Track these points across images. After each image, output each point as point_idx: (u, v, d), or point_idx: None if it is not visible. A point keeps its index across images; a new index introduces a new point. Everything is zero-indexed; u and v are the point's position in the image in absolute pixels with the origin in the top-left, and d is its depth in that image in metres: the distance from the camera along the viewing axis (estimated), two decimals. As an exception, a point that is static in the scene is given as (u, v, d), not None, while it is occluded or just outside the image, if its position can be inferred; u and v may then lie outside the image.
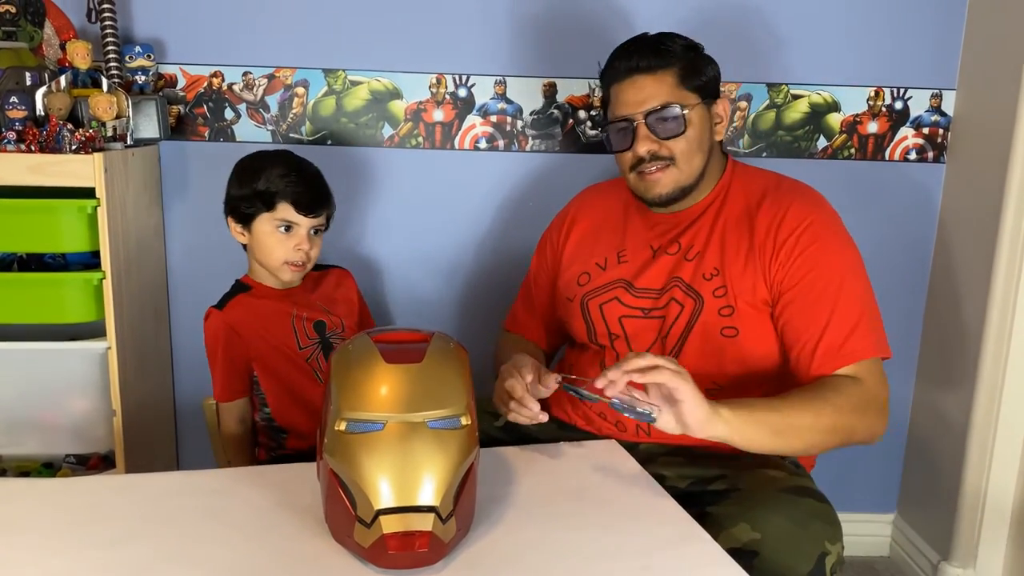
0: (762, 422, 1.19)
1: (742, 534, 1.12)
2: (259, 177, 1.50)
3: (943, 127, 1.98)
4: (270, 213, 1.50)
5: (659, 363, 1.10)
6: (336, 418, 0.93)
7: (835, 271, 1.30)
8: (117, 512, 1.07)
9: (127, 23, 1.84)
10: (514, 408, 1.24)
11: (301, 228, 1.51)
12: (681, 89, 1.35)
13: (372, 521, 0.91)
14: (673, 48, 1.37)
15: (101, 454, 1.78)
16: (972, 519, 1.88)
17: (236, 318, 1.53)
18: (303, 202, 1.50)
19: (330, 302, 1.64)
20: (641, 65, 1.35)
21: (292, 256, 1.51)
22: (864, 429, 1.27)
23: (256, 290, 1.57)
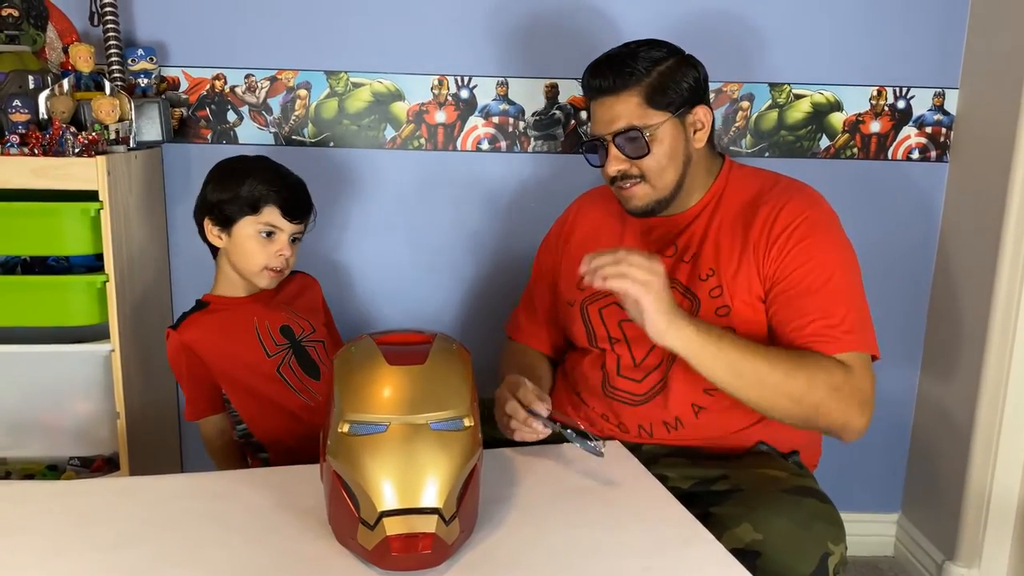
0: (724, 356, 1.20)
1: (745, 534, 1.12)
2: (244, 181, 1.48)
3: (946, 126, 1.98)
4: (255, 216, 1.48)
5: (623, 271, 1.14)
6: (339, 420, 0.93)
7: (826, 266, 1.30)
8: (121, 514, 1.07)
9: (129, 26, 1.84)
10: (516, 427, 1.24)
11: (283, 234, 1.49)
12: (646, 108, 1.34)
13: (375, 523, 0.91)
14: (638, 68, 1.34)
15: (105, 456, 1.78)
16: (977, 518, 1.88)
17: (193, 337, 1.48)
18: (289, 207, 1.49)
19: (294, 306, 1.60)
20: (604, 86, 1.36)
21: (273, 262, 1.49)
22: (838, 414, 1.25)
23: (213, 305, 1.53)
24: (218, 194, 1.49)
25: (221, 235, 1.51)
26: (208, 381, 1.50)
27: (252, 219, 1.48)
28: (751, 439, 1.37)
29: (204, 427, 1.56)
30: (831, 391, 1.23)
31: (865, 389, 1.27)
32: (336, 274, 1.98)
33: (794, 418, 1.26)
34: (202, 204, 1.52)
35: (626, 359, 1.40)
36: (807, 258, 1.30)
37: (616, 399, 1.41)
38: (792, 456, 1.39)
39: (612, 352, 1.42)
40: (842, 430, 1.27)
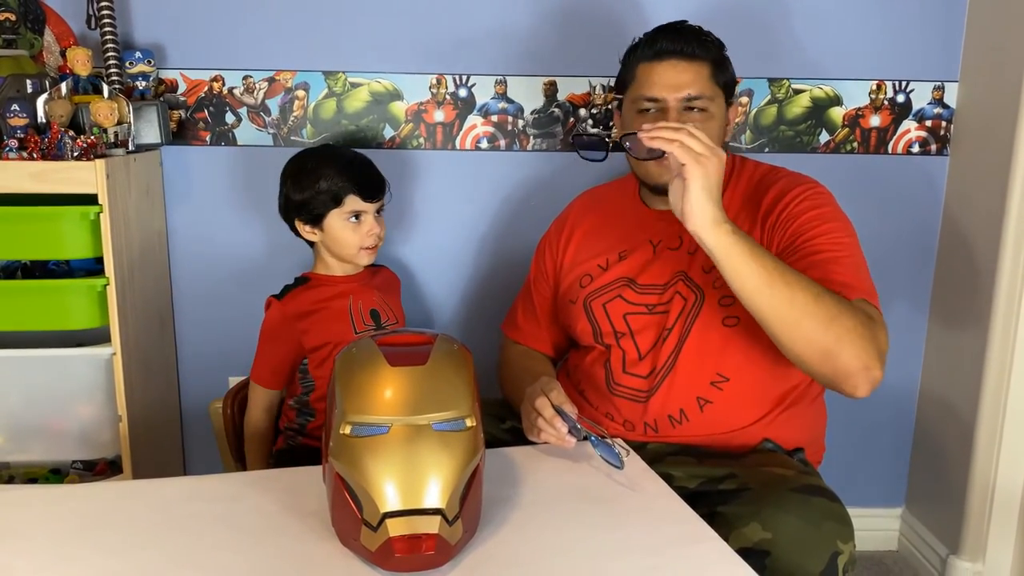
0: (757, 261, 1.14)
1: (753, 534, 1.11)
2: (319, 177, 1.57)
3: (946, 119, 1.97)
4: (339, 208, 1.57)
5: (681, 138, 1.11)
6: (341, 422, 0.93)
7: (837, 230, 1.30)
8: (125, 518, 1.07)
9: (127, 29, 1.84)
10: (543, 426, 1.22)
11: (368, 214, 1.59)
12: (713, 83, 1.37)
13: (378, 524, 0.90)
14: (712, 40, 1.39)
15: (108, 459, 1.79)
16: (981, 512, 1.88)
17: (294, 309, 1.58)
18: (367, 190, 1.58)
19: (384, 295, 1.70)
20: (686, 50, 1.36)
21: (366, 241, 1.59)
22: (860, 352, 1.17)
23: (313, 280, 1.64)
24: (299, 195, 1.58)
25: (314, 231, 1.61)
26: (290, 356, 1.59)
27: (338, 211, 1.57)
28: (756, 437, 1.36)
29: (257, 394, 1.60)
30: (857, 325, 1.17)
31: (883, 342, 1.21)
32: (337, 275, 1.98)
33: (816, 345, 1.17)
34: (287, 205, 1.62)
35: (632, 353, 1.40)
36: (817, 224, 1.30)
37: (621, 396, 1.40)
38: (797, 453, 1.38)
39: (618, 347, 1.42)
40: (862, 372, 1.18)
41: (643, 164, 1.39)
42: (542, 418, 1.22)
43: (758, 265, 1.15)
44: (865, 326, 1.18)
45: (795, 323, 1.16)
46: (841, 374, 1.19)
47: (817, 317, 1.16)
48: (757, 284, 1.15)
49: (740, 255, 1.14)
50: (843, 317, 1.17)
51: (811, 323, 1.16)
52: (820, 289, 1.18)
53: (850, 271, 1.26)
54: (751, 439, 1.36)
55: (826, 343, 1.17)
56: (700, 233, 1.14)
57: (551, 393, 1.24)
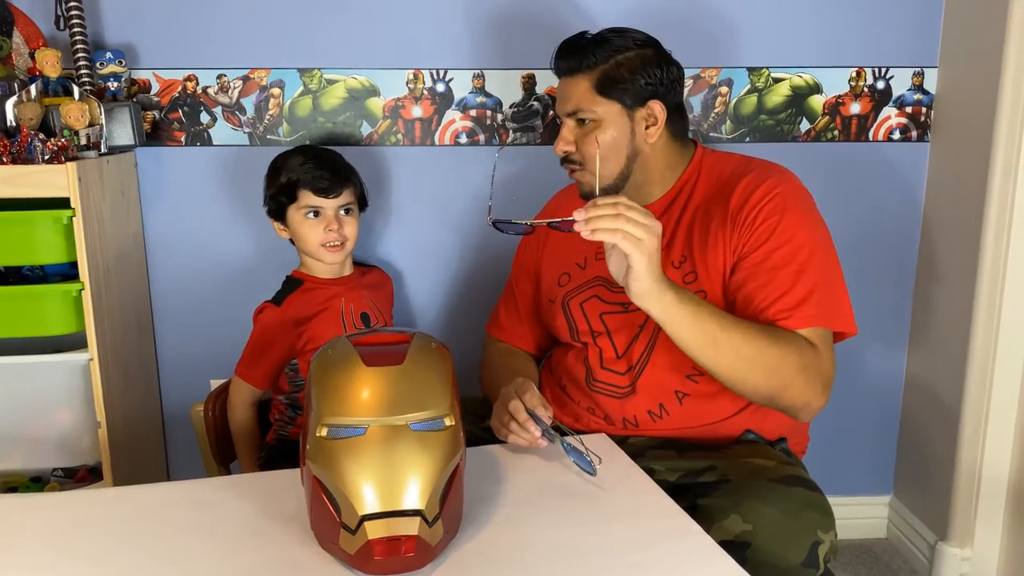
0: (700, 325, 1.19)
1: (734, 526, 1.11)
2: (280, 172, 1.60)
3: (926, 105, 1.97)
4: (295, 203, 1.59)
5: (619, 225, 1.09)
6: (317, 424, 0.92)
7: (796, 241, 1.29)
8: (104, 526, 1.06)
9: (97, 29, 1.81)
10: (514, 430, 1.22)
11: (327, 210, 1.59)
12: (594, 94, 1.35)
13: (357, 527, 0.89)
14: (595, 54, 1.35)
15: (89, 466, 1.77)
16: (968, 499, 1.88)
17: (292, 315, 1.59)
18: (321, 186, 1.57)
19: (375, 297, 1.71)
20: (562, 66, 1.39)
21: (325, 238, 1.58)
22: (801, 392, 1.24)
23: (307, 283, 1.64)
24: (267, 191, 1.63)
25: (284, 228, 1.63)
26: (283, 359, 1.61)
27: (294, 206, 1.59)
28: (738, 427, 1.36)
29: (240, 389, 1.61)
30: (800, 369, 1.23)
31: (828, 370, 1.27)
32: (317, 274, 1.96)
33: (760, 393, 1.25)
34: (264, 205, 1.65)
35: (609, 352, 1.39)
36: (777, 233, 1.29)
37: (600, 392, 1.40)
38: (780, 443, 1.38)
39: (595, 345, 1.41)
40: (803, 408, 1.27)
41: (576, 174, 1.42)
42: (515, 421, 1.21)
43: (700, 329, 1.20)
44: (809, 366, 1.24)
45: (741, 378, 1.24)
46: (784, 409, 1.28)
47: (760, 368, 1.22)
48: (701, 344, 1.21)
49: (685, 322, 1.19)
50: (787, 364, 1.23)
51: (755, 374, 1.23)
52: (764, 338, 1.22)
53: (805, 290, 1.27)
54: (733, 430, 1.36)
55: (769, 390, 1.24)
56: (644, 306, 1.18)
57: (525, 396, 1.23)
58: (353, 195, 1.64)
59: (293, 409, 1.64)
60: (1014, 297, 1.76)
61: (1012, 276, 1.75)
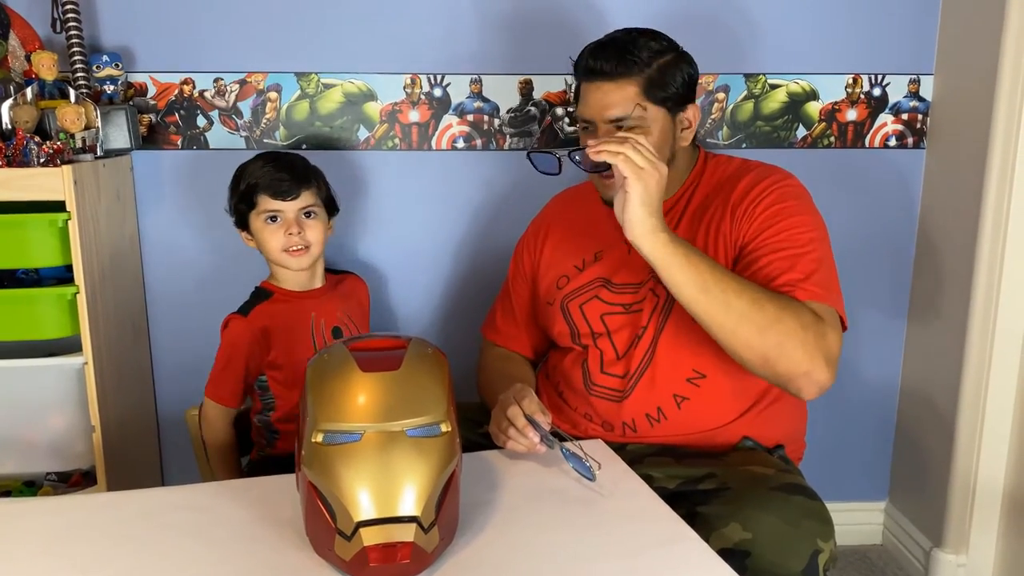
0: (693, 268, 1.18)
1: (734, 534, 1.11)
2: (241, 179, 1.55)
3: (922, 112, 1.97)
4: (255, 209, 1.54)
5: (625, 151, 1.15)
6: (313, 430, 0.91)
7: (797, 228, 1.29)
8: (97, 531, 1.05)
9: (94, 32, 1.80)
10: (513, 436, 1.21)
11: (287, 214, 1.53)
12: (643, 100, 1.32)
13: (352, 533, 0.89)
14: (640, 57, 1.32)
15: (83, 471, 1.76)
16: (963, 505, 1.88)
17: (260, 325, 1.54)
18: (279, 189, 1.52)
19: (348, 307, 1.66)
20: (606, 70, 1.32)
21: (287, 242, 1.53)
22: (802, 358, 1.19)
23: (277, 295, 1.59)
24: (230, 200, 1.58)
25: (249, 238, 1.58)
26: (255, 371, 1.56)
27: (254, 212, 1.54)
28: (736, 435, 1.36)
29: (212, 411, 1.57)
30: (797, 329, 1.19)
31: (832, 344, 1.22)
32: (313, 278, 1.95)
33: (755, 351, 1.20)
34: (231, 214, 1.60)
35: (609, 353, 1.39)
36: (778, 219, 1.30)
37: (599, 396, 1.39)
38: (777, 450, 1.38)
39: (595, 348, 1.41)
40: (803, 377, 1.20)
41: (593, 179, 1.40)
42: (513, 427, 1.21)
43: (694, 272, 1.18)
44: (809, 329, 1.20)
45: (732, 329, 1.20)
46: (783, 378, 1.22)
47: (754, 322, 1.18)
48: (692, 291, 1.19)
49: (676, 263, 1.18)
50: (784, 322, 1.19)
51: (748, 329, 1.19)
52: (762, 295, 1.20)
53: (807, 268, 1.26)
54: (731, 437, 1.36)
55: (764, 348, 1.19)
56: (636, 242, 1.18)
57: (523, 401, 1.22)
58: (316, 197, 1.57)
59: (270, 431, 1.59)
60: (1009, 304, 1.76)
61: (1007, 283, 1.75)
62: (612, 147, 1.16)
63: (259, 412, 1.60)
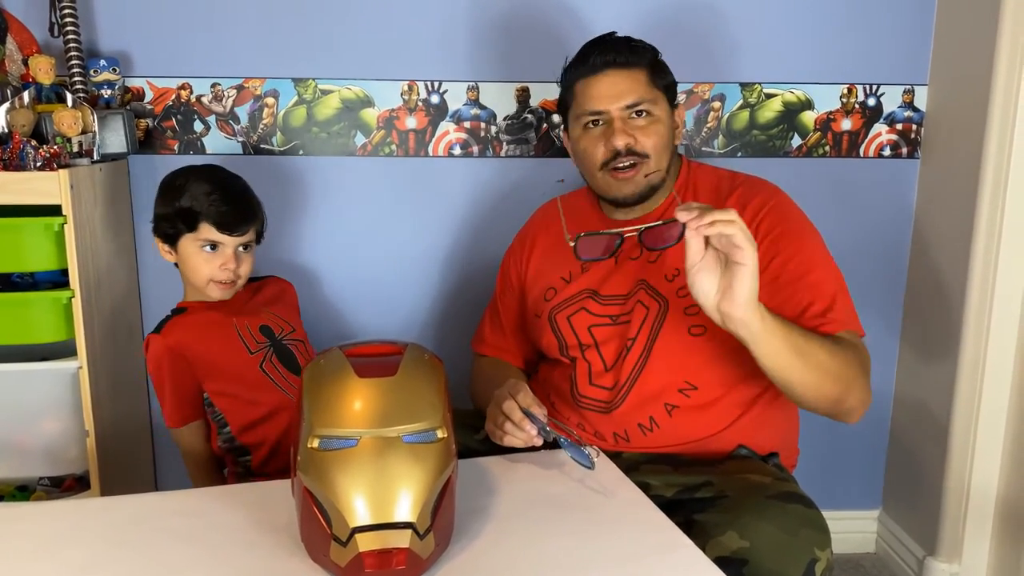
0: (790, 336, 1.16)
1: (731, 542, 1.10)
2: (182, 195, 1.47)
3: (916, 123, 1.98)
4: (193, 234, 1.48)
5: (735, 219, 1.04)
6: (309, 435, 0.91)
7: (803, 253, 1.31)
8: (90, 536, 1.05)
9: (91, 36, 1.81)
10: (510, 430, 1.21)
11: (227, 247, 1.49)
12: (652, 87, 1.37)
13: (348, 539, 0.89)
14: (644, 46, 1.39)
15: (76, 475, 1.75)
16: (957, 514, 1.89)
17: (176, 339, 1.49)
18: (226, 222, 1.47)
19: (271, 309, 1.61)
20: (618, 60, 1.36)
21: (218, 275, 1.49)
22: (860, 392, 1.26)
23: (191, 309, 1.54)
24: (160, 209, 1.51)
25: (170, 251, 1.52)
26: (191, 385, 1.51)
27: (191, 236, 1.48)
28: (730, 443, 1.36)
29: (186, 435, 1.54)
30: (859, 369, 1.25)
31: (869, 367, 1.29)
32: (307, 284, 1.95)
33: (829, 398, 1.23)
34: (153, 220, 1.53)
35: (597, 365, 1.39)
36: (782, 247, 1.30)
37: (587, 408, 1.39)
38: (772, 458, 1.38)
39: (583, 360, 1.41)
40: (858, 410, 1.28)
41: (599, 176, 1.39)
42: (510, 422, 1.20)
43: (789, 337, 1.16)
44: (864, 366, 1.26)
45: (816, 385, 1.21)
46: (844, 414, 1.28)
47: (833, 373, 1.21)
48: (790, 356, 1.17)
49: (777, 331, 1.15)
50: (851, 366, 1.23)
51: (829, 381, 1.22)
52: (830, 343, 1.22)
53: (829, 295, 1.28)
54: (725, 445, 1.36)
55: (837, 394, 1.24)
56: (748, 317, 1.11)
57: (519, 395, 1.22)
58: (255, 232, 1.53)
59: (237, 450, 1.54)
60: (1003, 313, 1.77)
61: (1001, 293, 1.76)
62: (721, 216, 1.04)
63: (217, 435, 1.55)
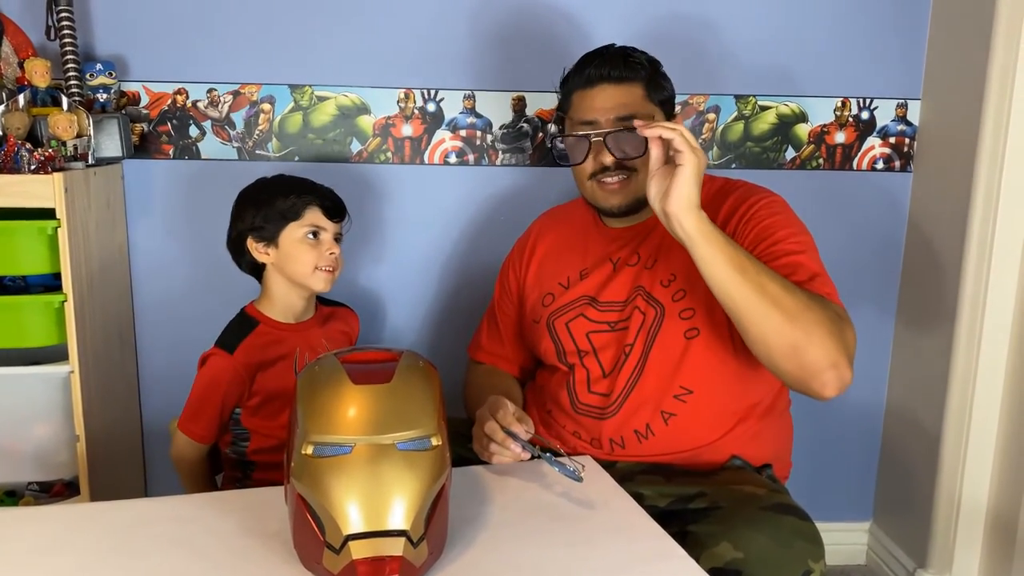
0: (731, 248, 1.17)
1: (725, 553, 1.10)
2: (277, 196, 1.51)
3: (909, 136, 2.00)
4: (298, 222, 1.50)
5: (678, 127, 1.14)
6: (303, 442, 0.91)
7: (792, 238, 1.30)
8: (79, 542, 1.04)
9: (88, 40, 1.80)
10: (495, 450, 1.21)
11: (328, 233, 1.53)
12: (647, 102, 1.37)
13: (341, 547, 0.88)
14: (640, 60, 1.39)
15: (65, 481, 1.74)
16: (947, 525, 1.89)
17: (245, 363, 1.49)
18: (329, 207, 1.53)
19: (336, 340, 1.63)
20: (613, 74, 1.36)
21: (323, 261, 1.51)
22: (829, 348, 1.16)
23: (262, 326, 1.54)
24: (253, 215, 1.52)
25: (268, 250, 1.52)
26: (232, 406, 1.52)
27: (296, 224, 1.50)
28: (724, 453, 1.36)
29: (185, 445, 1.53)
30: (825, 320, 1.17)
31: (852, 342, 1.21)
32: (303, 290, 1.95)
33: (785, 337, 1.16)
34: (239, 231, 1.54)
35: (595, 371, 1.39)
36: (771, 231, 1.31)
37: (585, 414, 1.40)
38: (766, 469, 1.38)
39: (581, 366, 1.41)
40: (831, 370, 1.17)
41: (588, 185, 1.41)
42: (494, 443, 1.20)
43: (732, 251, 1.17)
44: (833, 322, 1.18)
45: (765, 313, 1.16)
46: (809, 371, 1.18)
47: (786, 308, 1.16)
48: (730, 270, 1.16)
49: (716, 241, 1.16)
50: (812, 311, 1.17)
51: (780, 314, 1.15)
52: (790, 283, 1.19)
53: (812, 269, 1.27)
54: (719, 456, 1.36)
55: (794, 336, 1.16)
56: (682, 215, 1.15)
57: (498, 414, 1.22)
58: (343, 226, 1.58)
59: (244, 463, 1.55)
60: (994, 326, 1.78)
61: (992, 306, 1.77)
62: (665, 124, 1.16)
63: (231, 444, 1.55)
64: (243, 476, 1.56)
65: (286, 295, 1.55)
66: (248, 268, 1.57)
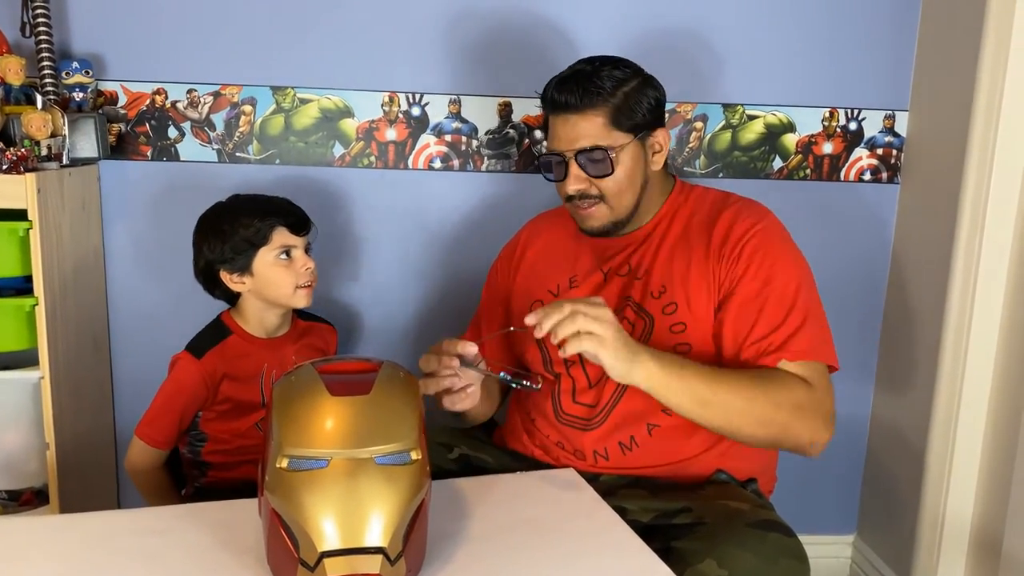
0: (688, 387, 1.20)
1: (709, 570, 1.09)
2: (238, 225, 1.47)
3: (896, 148, 1.99)
4: (267, 246, 1.48)
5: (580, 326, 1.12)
6: (278, 455, 0.88)
7: (782, 277, 1.30)
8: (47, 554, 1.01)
9: (64, 38, 1.76)
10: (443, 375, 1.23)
11: (299, 249, 1.51)
12: (610, 130, 1.33)
13: (316, 564, 0.86)
14: (604, 87, 1.32)
15: (35, 489, 1.70)
16: (931, 539, 1.88)
17: (212, 370, 1.49)
18: (294, 222, 1.50)
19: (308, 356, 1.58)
20: (570, 102, 1.33)
21: (301, 278, 1.50)
22: (804, 431, 1.26)
23: (235, 336, 1.53)
24: (220, 246, 1.49)
25: (243, 279, 1.50)
26: (193, 412, 1.51)
27: (266, 249, 1.48)
28: (709, 467, 1.34)
29: (142, 452, 1.51)
30: (795, 410, 1.24)
31: (827, 403, 1.28)
32: (283, 296, 1.91)
33: (761, 440, 1.27)
34: (207, 262, 1.51)
35: (581, 382, 1.37)
36: (760, 267, 1.30)
37: (569, 425, 1.37)
38: (750, 484, 1.36)
39: (567, 376, 1.39)
40: (811, 446, 1.28)
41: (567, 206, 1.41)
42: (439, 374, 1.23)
43: (688, 389, 1.20)
44: (804, 407, 1.25)
45: (735, 428, 1.24)
46: (791, 450, 1.30)
47: (757, 419, 1.23)
48: (691, 405, 1.21)
49: (670, 385, 1.19)
50: (781, 409, 1.24)
51: (752, 425, 1.24)
52: (754, 388, 1.23)
53: (794, 324, 1.28)
54: (704, 469, 1.34)
55: (770, 435, 1.26)
56: (628, 380, 1.18)
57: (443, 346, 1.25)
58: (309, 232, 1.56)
59: (199, 468, 1.54)
60: (980, 339, 1.77)
61: (978, 319, 1.76)
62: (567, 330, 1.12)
63: (187, 444, 1.54)
64: (200, 475, 1.55)
65: (261, 312, 1.54)
66: (223, 296, 1.55)
